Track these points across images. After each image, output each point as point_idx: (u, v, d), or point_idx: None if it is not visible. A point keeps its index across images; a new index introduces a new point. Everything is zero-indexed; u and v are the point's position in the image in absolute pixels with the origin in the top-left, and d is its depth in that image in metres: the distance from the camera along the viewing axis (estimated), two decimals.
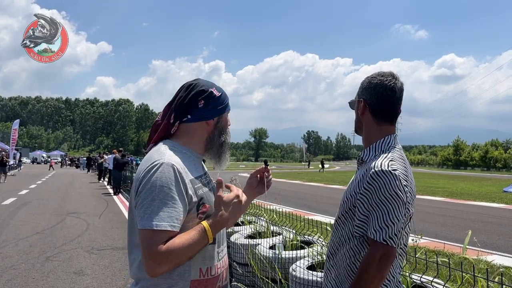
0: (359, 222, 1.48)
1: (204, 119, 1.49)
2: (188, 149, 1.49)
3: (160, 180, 1.29)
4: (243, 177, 1.92)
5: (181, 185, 1.32)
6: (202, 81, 1.53)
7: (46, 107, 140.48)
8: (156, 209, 1.27)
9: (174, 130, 1.50)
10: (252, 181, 1.72)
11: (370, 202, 1.42)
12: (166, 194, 1.28)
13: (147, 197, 1.29)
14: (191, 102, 1.47)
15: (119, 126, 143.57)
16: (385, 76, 1.60)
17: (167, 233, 1.26)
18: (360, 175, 1.54)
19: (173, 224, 1.27)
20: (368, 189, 1.44)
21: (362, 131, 1.67)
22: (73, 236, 7.69)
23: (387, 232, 1.36)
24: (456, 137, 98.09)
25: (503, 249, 7.40)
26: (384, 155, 1.50)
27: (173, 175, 1.31)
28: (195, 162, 1.49)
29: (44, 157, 75.30)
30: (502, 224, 10.60)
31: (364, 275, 1.37)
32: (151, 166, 1.33)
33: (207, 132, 1.51)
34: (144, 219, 1.27)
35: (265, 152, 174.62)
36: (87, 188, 19.29)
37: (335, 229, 1.63)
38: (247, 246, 4.17)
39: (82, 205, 12.40)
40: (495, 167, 78.55)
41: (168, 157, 1.36)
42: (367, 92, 1.63)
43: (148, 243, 1.25)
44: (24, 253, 6.35)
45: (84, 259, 6.06)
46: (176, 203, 1.29)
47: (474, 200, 16.72)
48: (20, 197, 14.36)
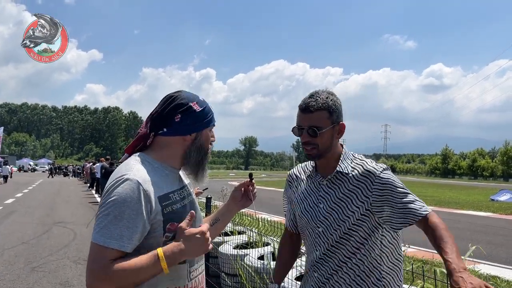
0: (385, 218, 1.58)
1: (180, 134, 1.42)
2: (162, 164, 1.41)
3: (119, 196, 1.24)
4: (232, 186, 1.92)
5: (142, 203, 1.26)
6: (185, 93, 1.46)
7: (35, 115, 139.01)
8: (109, 225, 1.22)
9: (150, 141, 1.44)
10: (236, 194, 1.67)
11: (395, 195, 1.55)
12: (123, 211, 1.23)
13: (104, 211, 1.25)
14: (168, 115, 1.41)
15: (108, 134, 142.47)
16: (334, 94, 1.67)
17: (114, 252, 1.22)
18: (355, 187, 1.61)
19: (122, 243, 1.22)
20: (385, 188, 1.57)
21: (329, 153, 1.67)
22: (60, 246, 7.58)
23: (424, 204, 1.57)
24: (444, 145, 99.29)
25: (490, 258, 7.47)
26: (365, 160, 1.67)
27: (135, 192, 1.25)
28: (168, 177, 1.42)
29: (31, 165, 74.26)
30: (489, 233, 10.72)
31: (442, 231, 1.45)
32: (115, 181, 1.29)
33: (183, 148, 1.44)
34: (95, 232, 1.24)
35: (255, 160, 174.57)
36: (75, 196, 19.06)
37: (329, 257, 1.64)
38: (236, 256, 4.16)
39: (69, 214, 12.24)
40: (482, 176, 79.47)
41: (135, 172, 1.30)
42: (341, 114, 1.67)
43: (94, 258, 1.22)
44: (9, 263, 6.24)
45: (70, 269, 5.97)
46: (131, 221, 1.24)
47: (461, 208, 16.90)
48: (6, 206, 14.13)
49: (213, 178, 38.22)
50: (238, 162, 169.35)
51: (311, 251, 1.71)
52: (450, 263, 1.28)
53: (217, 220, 1.66)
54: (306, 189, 1.76)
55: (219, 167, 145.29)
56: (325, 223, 1.64)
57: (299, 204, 1.76)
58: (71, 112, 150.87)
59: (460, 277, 1.20)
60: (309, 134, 1.61)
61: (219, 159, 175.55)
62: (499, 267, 6.87)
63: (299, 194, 1.79)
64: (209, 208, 4.66)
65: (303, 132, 1.63)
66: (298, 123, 1.66)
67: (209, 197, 4.76)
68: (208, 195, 4.82)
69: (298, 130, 1.65)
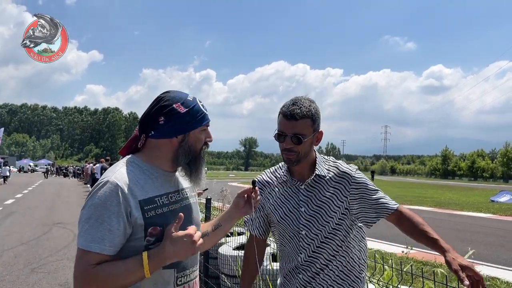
0: (360, 215, 1.70)
1: (165, 137, 1.38)
2: (151, 166, 1.39)
3: (99, 199, 1.25)
4: (232, 187, 1.92)
5: (122, 206, 1.25)
6: (172, 94, 1.42)
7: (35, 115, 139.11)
8: (90, 229, 1.23)
9: (141, 143, 1.43)
10: (239, 201, 1.63)
11: (368, 193, 1.68)
12: (102, 214, 1.23)
13: (85, 214, 1.26)
14: (152, 118, 1.38)
15: (108, 135, 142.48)
16: (314, 102, 1.70)
17: (96, 256, 1.22)
18: (335, 188, 1.71)
19: (104, 247, 1.22)
20: (360, 187, 1.69)
21: (306, 158, 1.70)
22: (59, 247, 7.58)
23: (391, 200, 1.70)
24: (444, 147, 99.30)
25: (490, 259, 7.48)
26: (338, 162, 1.78)
27: (114, 196, 1.25)
28: (158, 180, 1.39)
29: (31, 166, 74.30)
30: (488, 234, 10.72)
31: (419, 218, 1.61)
32: (98, 184, 1.30)
33: (172, 150, 1.40)
34: (79, 236, 1.25)
35: (255, 161, 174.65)
36: (75, 197, 19.06)
37: (314, 258, 1.71)
38: (236, 257, 4.16)
39: (69, 215, 12.23)
40: (482, 177, 79.47)
41: (117, 175, 1.30)
42: (320, 121, 1.70)
43: (78, 262, 1.23)
44: (8, 264, 6.23)
45: (70, 270, 5.97)
46: (112, 225, 1.23)
47: (461, 210, 16.90)
48: (6, 207, 14.13)
49: (212, 179, 38.21)
50: (238, 163, 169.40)
51: (293, 255, 1.75)
52: (439, 241, 1.47)
53: (219, 226, 1.65)
54: (283, 195, 1.79)
55: (219, 168, 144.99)
56: (308, 226, 1.70)
57: (276, 210, 1.79)
58: (71, 113, 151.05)
59: (452, 257, 1.38)
60: (293, 142, 1.64)
61: (219, 160, 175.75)
62: (499, 268, 6.86)
63: (275, 200, 1.81)
64: (208, 209, 4.66)
65: (285, 138, 1.66)
66: (281, 129, 1.67)
67: (209, 198, 4.76)
68: (208, 196, 4.83)
69: (280, 136, 1.67)
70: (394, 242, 7.84)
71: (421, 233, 1.54)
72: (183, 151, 1.40)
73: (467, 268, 1.33)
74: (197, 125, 1.41)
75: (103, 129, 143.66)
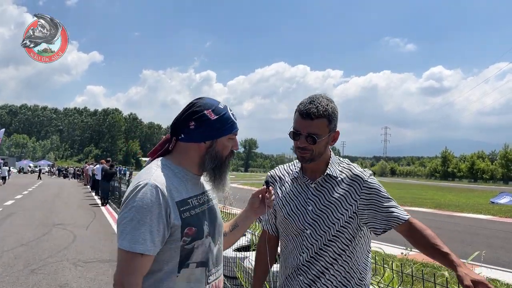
0: (368, 222, 1.65)
1: (194, 141, 1.43)
2: (182, 169, 1.44)
3: (141, 201, 1.28)
4: (233, 188, 1.92)
5: (162, 207, 1.29)
6: (204, 100, 1.46)
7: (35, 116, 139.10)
8: (132, 230, 1.26)
9: (172, 146, 1.47)
10: (254, 201, 1.68)
11: (380, 200, 1.62)
12: (145, 216, 1.26)
13: (126, 216, 1.28)
14: (184, 122, 1.43)
15: (108, 136, 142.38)
16: (333, 101, 1.66)
17: (140, 256, 1.26)
18: (345, 190, 1.66)
19: (147, 247, 1.26)
20: (371, 193, 1.64)
21: (320, 157, 1.68)
22: (59, 248, 7.56)
23: (403, 210, 1.64)
24: (444, 148, 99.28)
25: (490, 261, 7.46)
26: (352, 165, 1.74)
27: (155, 197, 1.29)
28: (188, 182, 1.44)
29: (31, 166, 74.26)
30: (489, 236, 10.71)
31: (429, 231, 1.56)
32: (136, 186, 1.32)
33: (199, 154, 1.45)
34: (120, 238, 1.27)
35: (255, 162, 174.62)
36: (75, 198, 19.05)
37: (316, 259, 1.68)
38: (235, 259, 4.16)
39: (69, 216, 12.22)
40: (482, 179, 79.43)
41: (155, 178, 1.33)
42: (337, 121, 1.67)
43: (122, 264, 1.27)
44: (8, 265, 6.22)
45: (70, 272, 5.96)
46: (153, 226, 1.27)
47: (461, 211, 16.89)
48: (6, 208, 14.11)
49: None
50: (238, 164, 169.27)
51: (295, 254, 1.72)
52: (450, 255, 1.42)
53: (235, 226, 1.69)
54: (292, 191, 1.77)
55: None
56: (313, 226, 1.67)
57: (284, 206, 1.76)
58: (71, 113, 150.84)
59: (464, 273, 1.33)
60: (307, 141, 1.62)
61: None
62: (499, 270, 6.85)
63: (283, 196, 1.78)
64: None
65: (300, 137, 1.63)
66: (297, 128, 1.65)
67: None
68: None
69: (295, 134, 1.65)
70: (393, 243, 7.82)
71: (431, 246, 1.50)
72: (210, 156, 1.45)
73: (480, 284, 1.29)
74: (226, 132, 1.46)
75: (103, 130, 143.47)
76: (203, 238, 1.40)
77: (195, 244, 1.38)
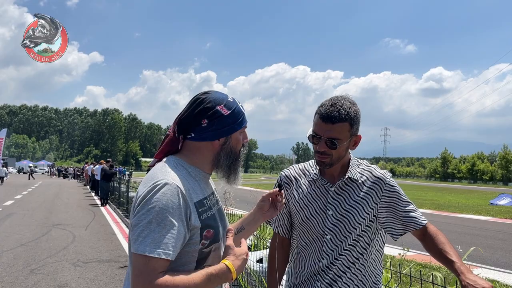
0: (386, 224, 1.62)
1: (208, 139, 1.34)
2: (195, 168, 1.35)
3: (160, 202, 1.17)
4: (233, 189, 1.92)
5: (182, 209, 1.20)
6: (213, 94, 1.36)
7: (35, 117, 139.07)
8: (152, 233, 1.14)
9: (181, 145, 1.38)
10: (263, 204, 1.58)
11: (400, 203, 1.60)
12: (165, 218, 1.16)
13: (144, 218, 1.16)
14: (194, 120, 1.33)
15: (108, 136, 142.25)
16: (355, 104, 1.58)
17: (160, 261, 1.14)
18: (366, 194, 1.62)
19: (167, 251, 1.15)
20: (393, 195, 1.62)
21: (340, 161, 1.62)
22: (59, 248, 7.57)
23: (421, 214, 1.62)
24: (444, 149, 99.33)
25: (490, 262, 7.48)
26: (372, 166, 1.69)
27: (176, 198, 1.19)
28: (201, 182, 1.36)
29: (31, 166, 74.23)
30: (488, 237, 10.72)
31: (442, 237, 1.53)
32: (153, 186, 1.20)
33: (213, 153, 1.36)
34: (137, 242, 1.15)
35: (255, 163, 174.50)
36: (74, 199, 19.04)
37: (334, 265, 1.62)
38: None
39: (68, 216, 12.22)
40: (481, 180, 79.46)
41: (173, 177, 1.24)
42: (359, 125, 1.59)
43: (141, 271, 1.13)
44: (7, 265, 6.23)
45: (69, 272, 5.97)
46: (174, 228, 1.17)
47: (461, 212, 16.90)
48: (5, 208, 14.11)
49: None
50: None
51: (314, 259, 1.65)
52: (456, 263, 1.39)
53: (241, 229, 1.59)
54: (310, 194, 1.68)
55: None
56: (334, 231, 1.61)
57: (302, 209, 1.68)
58: (71, 114, 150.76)
59: (468, 281, 1.31)
60: (327, 145, 1.54)
61: None
62: (498, 271, 6.86)
63: (301, 198, 1.70)
64: None
65: (320, 141, 1.56)
66: (317, 131, 1.57)
67: None
68: None
69: (315, 138, 1.58)
70: (392, 244, 7.82)
71: (440, 252, 1.47)
72: (225, 153, 1.37)
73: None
74: (239, 127, 1.38)
75: (103, 130, 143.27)
76: (219, 241, 1.34)
77: (212, 247, 1.31)
